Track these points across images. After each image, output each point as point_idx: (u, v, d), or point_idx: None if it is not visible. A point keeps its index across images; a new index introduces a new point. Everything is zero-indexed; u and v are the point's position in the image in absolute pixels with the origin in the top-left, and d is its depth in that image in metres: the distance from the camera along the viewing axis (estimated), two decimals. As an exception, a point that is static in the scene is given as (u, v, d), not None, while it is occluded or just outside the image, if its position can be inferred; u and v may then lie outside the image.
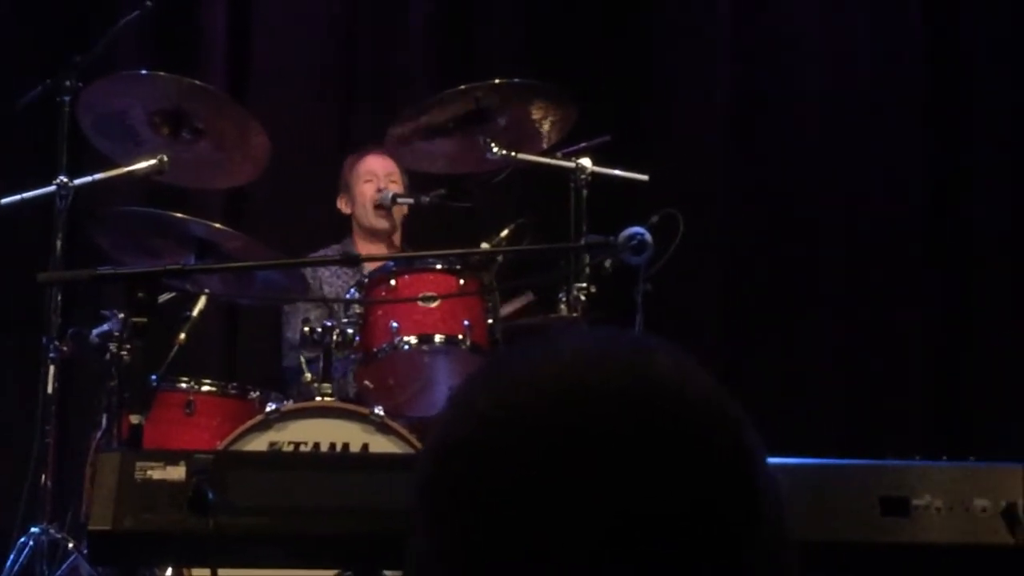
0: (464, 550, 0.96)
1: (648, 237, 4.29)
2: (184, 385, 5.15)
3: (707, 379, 1.01)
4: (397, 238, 6.11)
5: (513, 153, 5.33)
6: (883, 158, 7.20)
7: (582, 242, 4.81)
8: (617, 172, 5.22)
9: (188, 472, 2.66)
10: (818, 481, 2.87)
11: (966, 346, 7.08)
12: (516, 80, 5.45)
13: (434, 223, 6.09)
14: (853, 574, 4.32)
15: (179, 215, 5.04)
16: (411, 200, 5.88)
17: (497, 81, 5.43)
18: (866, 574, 4.16)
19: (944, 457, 3.27)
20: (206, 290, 5.19)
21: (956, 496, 2.91)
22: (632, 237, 4.23)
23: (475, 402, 1.01)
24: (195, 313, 5.13)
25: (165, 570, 4.69)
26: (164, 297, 4.93)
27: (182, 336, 5.10)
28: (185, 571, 4.63)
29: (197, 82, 5.34)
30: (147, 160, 5.10)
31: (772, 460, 1.00)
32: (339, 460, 4.13)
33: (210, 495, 2.60)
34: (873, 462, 2.98)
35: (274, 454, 4.55)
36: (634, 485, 0.95)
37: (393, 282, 5.26)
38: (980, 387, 6.99)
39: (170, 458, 2.70)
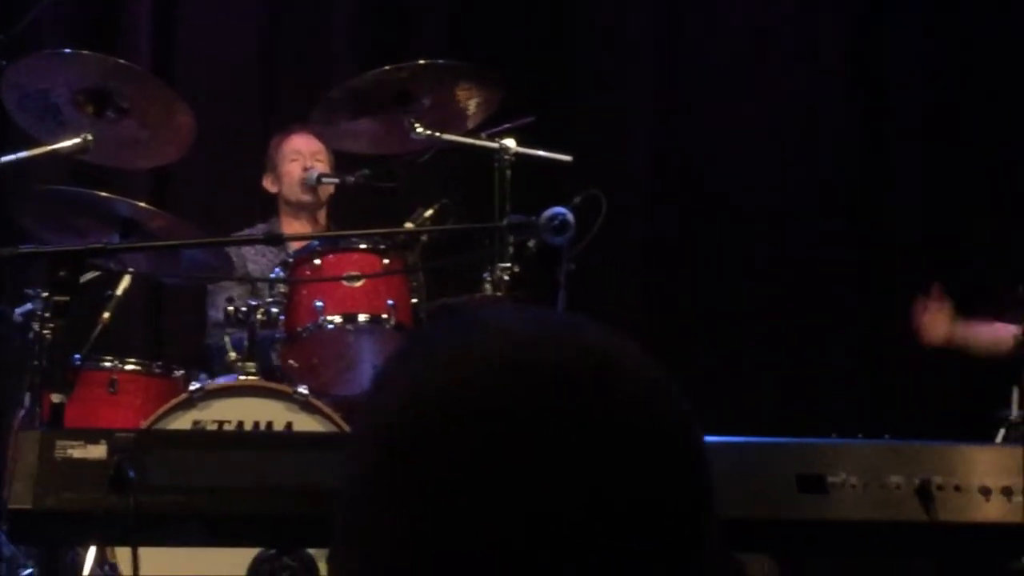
0: (413, 538, 0.95)
1: (570, 217, 4.28)
2: (108, 364, 5.11)
3: (640, 352, 1.00)
4: (322, 217, 6.10)
5: (437, 134, 5.31)
6: (805, 138, 7.25)
7: (504, 222, 4.80)
8: (541, 153, 5.23)
9: (109, 451, 2.64)
10: (736, 459, 2.88)
11: (884, 327, 7.15)
12: (441, 61, 5.45)
13: (359, 203, 6.07)
14: (770, 551, 4.35)
15: (103, 194, 5.00)
16: (336, 180, 5.88)
17: (422, 62, 5.43)
18: (783, 550, 4.18)
19: (860, 435, 3.29)
20: (130, 269, 5.14)
21: (871, 473, 2.93)
22: (554, 217, 4.23)
23: (414, 384, 0.99)
24: (119, 292, 5.08)
25: (88, 548, 4.67)
26: (87, 276, 4.88)
27: (106, 315, 5.05)
28: (108, 550, 4.61)
29: (122, 61, 5.29)
30: (71, 139, 5.03)
31: None
32: (262, 439, 4.10)
33: (131, 474, 2.57)
34: (790, 440, 3.00)
35: (196, 432, 4.53)
36: (581, 461, 0.94)
37: (318, 261, 5.27)
38: (897, 367, 7.07)
39: (91, 437, 2.67)
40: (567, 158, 5.26)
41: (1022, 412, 5.79)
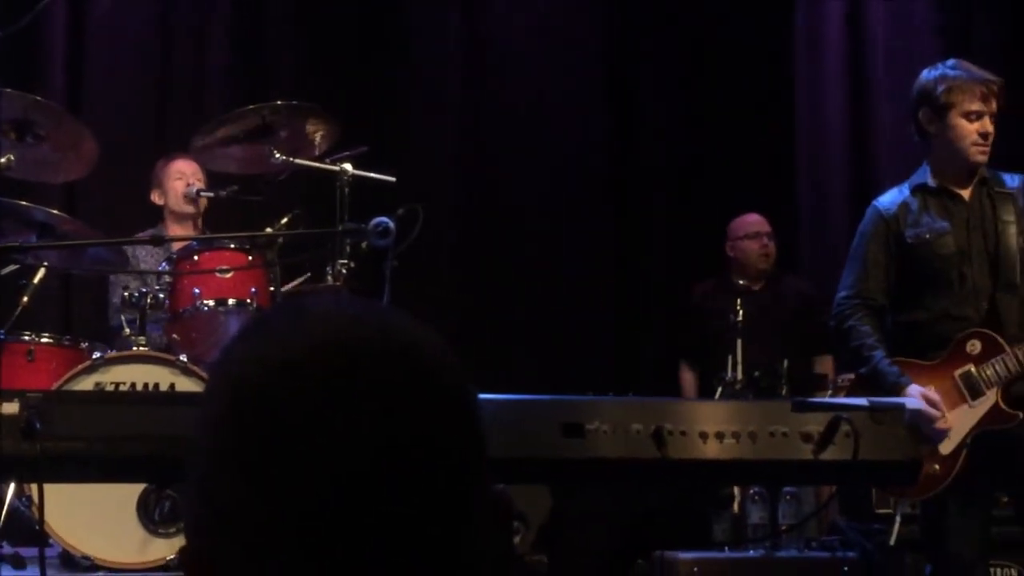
0: (249, 479, 0.92)
1: (391, 225, 4.27)
2: (27, 337, 5.00)
3: (435, 336, 1.01)
4: (199, 222, 6.02)
5: (291, 159, 5.29)
6: (575, 157, 7.35)
7: (340, 228, 4.80)
8: (371, 174, 5.21)
9: (21, 407, 2.57)
10: (515, 412, 2.89)
11: (634, 313, 7.28)
12: (294, 102, 5.42)
13: (229, 212, 6.00)
14: (544, 482, 4.39)
15: (23, 203, 4.87)
16: (212, 194, 5.82)
17: (279, 102, 5.41)
18: (554, 482, 4.22)
19: (611, 393, 3.33)
20: (44, 263, 5.04)
21: (619, 422, 2.95)
22: (378, 225, 4.22)
23: (254, 355, 0.97)
24: (36, 281, 5.04)
25: (8, 485, 4.57)
26: (8, 268, 4.80)
27: (25, 299, 5.00)
28: (25, 486, 4.51)
29: (40, 98, 5.16)
30: (-3, 159, 4.90)
31: (481, 395, 1.00)
32: (150, 397, 4.03)
33: (38, 425, 2.52)
34: (557, 397, 3.01)
35: (90, 392, 4.46)
36: (383, 417, 0.93)
37: (196, 258, 5.24)
38: (640, 344, 7.20)
39: (6, 396, 2.61)
40: (391, 179, 5.25)
41: (735, 375, 5.92)
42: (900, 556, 4.99)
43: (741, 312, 6.00)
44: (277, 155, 5.27)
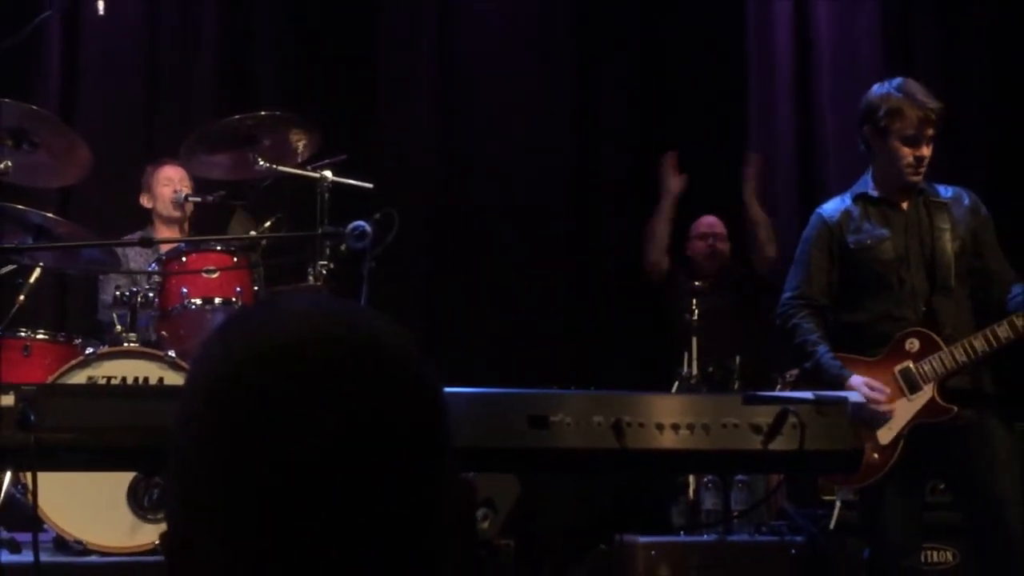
0: (225, 465, 0.93)
1: (368, 228, 4.28)
2: (23, 333, 4.97)
3: (404, 333, 1.01)
4: (186, 226, 6.00)
5: (275, 166, 5.28)
6: (542, 164, 7.36)
7: (320, 231, 4.79)
8: (350, 181, 5.21)
9: (16, 399, 2.57)
10: (485, 404, 2.89)
11: (598, 312, 7.29)
12: (277, 112, 5.40)
13: (216, 215, 5.99)
14: (511, 471, 4.39)
15: (20, 207, 4.86)
16: (199, 199, 5.80)
17: (263, 112, 5.38)
18: (520, 471, 4.22)
19: (573, 387, 3.34)
20: (40, 263, 5.02)
21: (581, 414, 2.95)
22: (356, 228, 4.23)
23: (230, 350, 0.97)
24: (32, 280, 5.02)
25: (5, 473, 4.56)
26: (6, 269, 4.77)
27: (22, 297, 4.98)
28: (21, 474, 4.50)
29: (35, 107, 5.13)
30: (-5, 166, 4.88)
31: (452, 389, 1.00)
32: (139, 390, 4.01)
33: (32, 417, 2.52)
34: (523, 390, 3.01)
35: (83, 385, 4.44)
36: (350, 405, 0.93)
37: (184, 259, 5.22)
38: (601, 341, 7.20)
39: (2, 389, 2.59)
40: (369, 185, 5.25)
41: (691, 370, 5.94)
42: (843, 540, 5.03)
43: (696, 312, 6.02)
44: (261, 162, 5.25)
